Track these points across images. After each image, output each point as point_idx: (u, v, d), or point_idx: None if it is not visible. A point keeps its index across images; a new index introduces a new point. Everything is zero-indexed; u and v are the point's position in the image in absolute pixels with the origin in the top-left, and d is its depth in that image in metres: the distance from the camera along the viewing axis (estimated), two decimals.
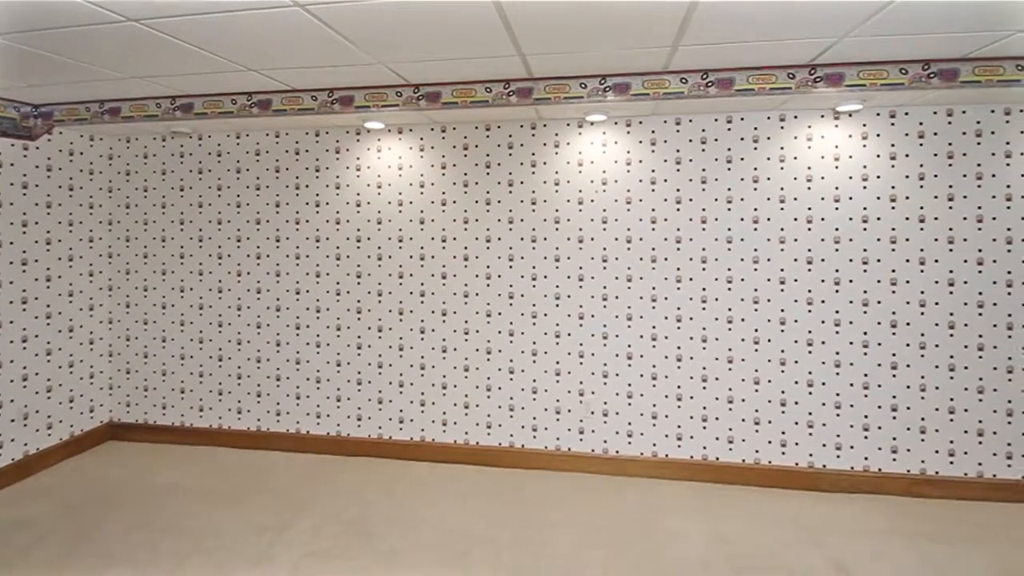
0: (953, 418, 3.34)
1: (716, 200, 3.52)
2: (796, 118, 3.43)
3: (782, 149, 3.45)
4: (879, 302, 3.38)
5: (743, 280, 3.51)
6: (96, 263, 4.16)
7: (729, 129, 3.50)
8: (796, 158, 3.43)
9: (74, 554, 2.79)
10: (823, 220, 3.42)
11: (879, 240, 3.37)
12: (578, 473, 3.69)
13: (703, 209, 3.54)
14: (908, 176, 3.34)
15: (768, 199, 3.47)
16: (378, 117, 3.50)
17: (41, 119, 3.42)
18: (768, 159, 3.46)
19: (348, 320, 3.98)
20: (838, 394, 3.44)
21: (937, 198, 3.31)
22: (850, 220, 3.39)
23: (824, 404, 3.46)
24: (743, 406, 3.54)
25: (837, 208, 3.40)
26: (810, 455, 3.49)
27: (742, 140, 3.49)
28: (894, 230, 3.36)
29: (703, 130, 3.53)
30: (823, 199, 3.42)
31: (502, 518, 3.14)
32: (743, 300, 3.52)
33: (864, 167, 3.37)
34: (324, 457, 3.96)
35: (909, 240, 3.34)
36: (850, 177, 3.39)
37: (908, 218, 3.34)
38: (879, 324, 3.39)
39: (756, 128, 3.47)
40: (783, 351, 3.49)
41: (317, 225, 3.99)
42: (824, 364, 3.45)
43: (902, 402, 3.38)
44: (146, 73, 2.78)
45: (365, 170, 3.92)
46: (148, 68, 2.70)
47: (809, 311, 3.45)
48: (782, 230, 3.46)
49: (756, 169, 3.48)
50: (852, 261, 3.40)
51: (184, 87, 3.05)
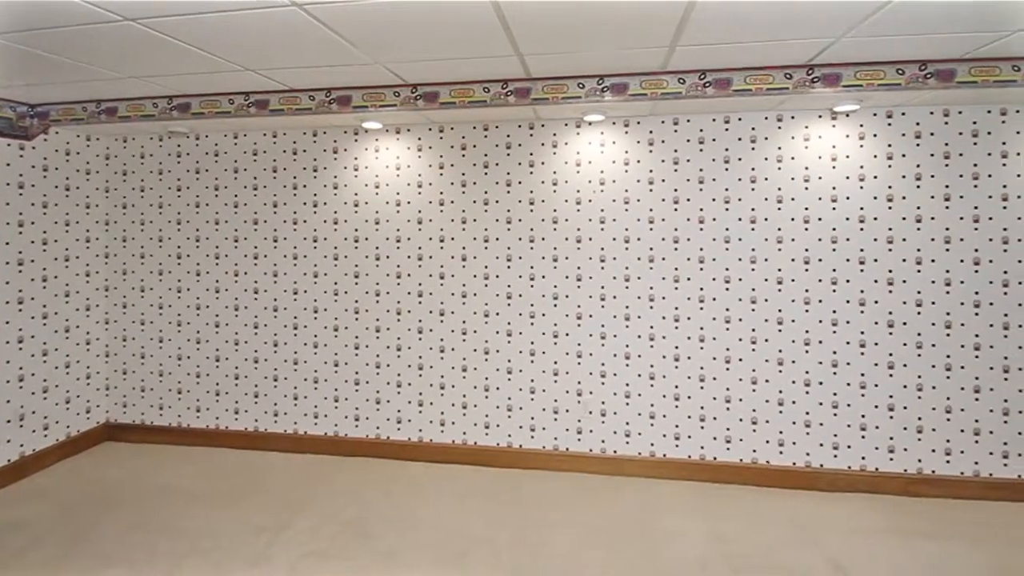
0: (950, 417, 3.35)
1: (714, 200, 3.53)
2: (793, 118, 3.44)
3: (779, 149, 3.46)
4: (876, 302, 3.39)
5: (741, 280, 3.52)
6: (93, 263, 4.15)
7: (727, 129, 3.51)
8: (793, 158, 3.44)
9: (70, 555, 2.78)
10: (820, 220, 3.43)
11: (876, 240, 3.38)
12: (576, 473, 3.69)
13: (701, 209, 3.54)
14: (905, 176, 3.35)
15: (765, 199, 3.48)
16: (376, 117, 3.50)
17: (37, 119, 3.41)
18: (766, 159, 3.47)
19: (346, 320, 3.98)
20: (835, 394, 3.45)
21: (934, 198, 3.33)
22: (847, 220, 3.40)
23: (821, 404, 3.47)
24: (741, 406, 3.55)
25: (834, 208, 3.41)
26: (807, 454, 3.50)
27: (740, 140, 3.49)
28: (891, 230, 3.37)
29: (701, 130, 3.54)
30: (820, 199, 3.43)
31: (500, 518, 3.14)
32: (741, 300, 3.52)
33: (861, 167, 3.38)
34: (322, 457, 3.96)
35: (906, 240, 3.35)
36: (847, 177, 3.40)
37: (905, 218, 3.35)
38: (876, 324, 3.40)
39: (754, 128, 3.48)
40: (780, 351, 3.49)
41: (315, 225, 3.99)
42: (821, 364, 3.46)
43: (899, 401, 3.39)
44: (143, 73, 2.78)
45: (363, 170, 3.92)
46: (145, 68, 2.69)
47: (806, 311, 3.46)
48: (779, 230, 3.47)
49: (754, 169, 3.48)
50: (849, 261, 3.41)
51: (181, 87, 3.04)
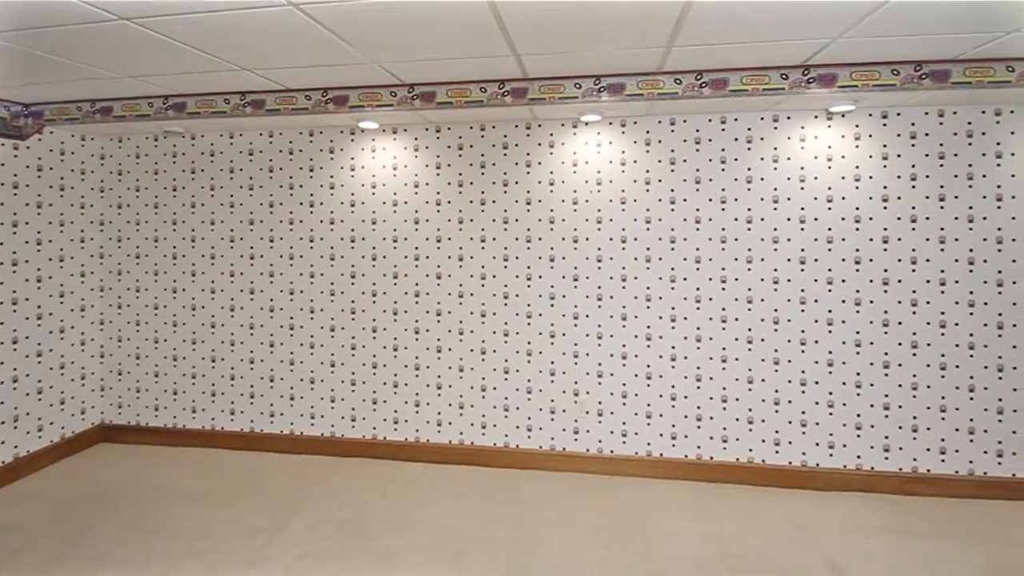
0: (945, 416, 3.37)
1: (710, 200, 3.54)
2: (789, 119, 3.45)
3: (775, 149, 3.47)
4: (871, 301, 3.41)
5: (737, 280, 3.53)
6: (88, 264, 4.13)
7: (723, 129, 3.52)
8: (789, 158, 3.45)
9: (65, 557, 2.76)
10: (816, 220, 3.44)
11: (871, 240, 3.39)
12: (573, 473, 3.69)
13: (697, 209, 3.55)
14: (900, 176, 3.36)
15: (762, 199, 3.48)
16: (372, 117, 3.49)
17: (32, 118, 3.39)
18: (762, 159, 3.48)
19: (342, 321, 3.97)
20: (831, 393, 3.46)
21: (928, 198, 3.34)
22: (843, 220, 3.42)
23: (817, 403, 3.48)
24: (737, 405, 3.56)
25: (830, 208, 3.43)
26: (803, 454, 3.51)
27: (736, 140, 3.50)
28: (886, 230, 3.38)
29: (697, 130, 3.54)
30: (816, 199, 3.44)
31: (497, 518, 3.14)
32: (737, 300, 3.53)
33: (856, 167, 3.40)
34: (318, 458, 3.95)
35: (901, 240, 3.37)
36: (843, 177, 3.41)
37: (900, 218, 3.37)
38: (871, 323, 3.41)
39: (750, 128, 3.49)
40: (776, 350, 3.50)
41: (311, 225, 3.98)
42: (817, 363, 3.47)
43: (894, 401, 3.41)
44: (139, 72, 2.76)
45: (359, 170, 3.91)
46: (141, 67, 2.68)
47: (802, 310, 3.47)
48: (775, 230, 3.48)
49: (750, 169, 3.49)
50: (845, 261, 3.42)
51: (177, 86, 3.03)
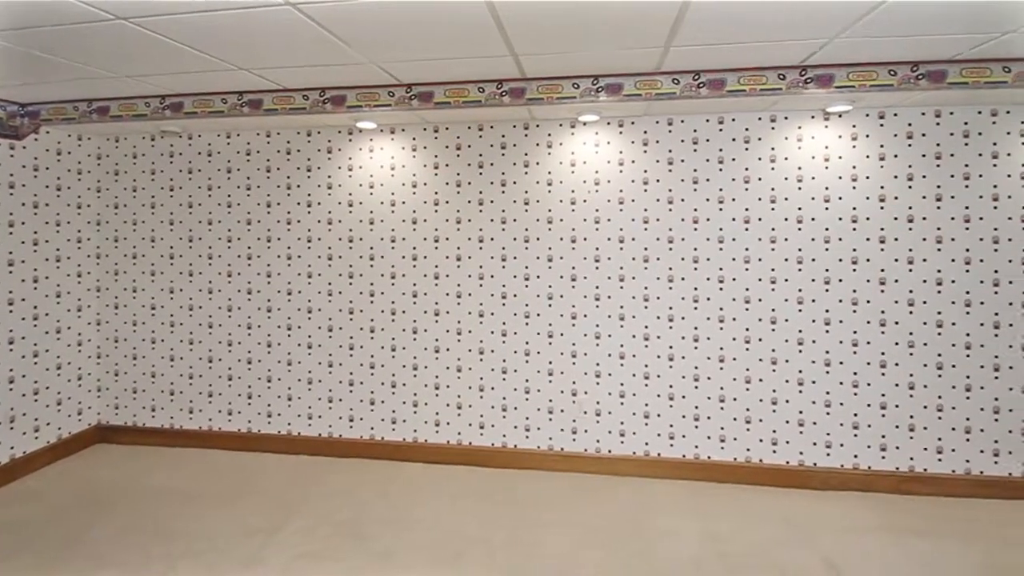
0: (941, 416, 3.38)
1: (708, 200, 3.54)
2: (787, 119, 3.46)
3: (773, 150, 3.47)
4: (868, 301, 3.41)
5: (734, 280, 3.53)
6: (84, 264, 4.12)
7: (720, 130, 3.52)
8: (787, 159, 3.46)
9: (62, 558, 2.75)
10: (813, 220, 3.45)
11: (868, 240, 3.40)
12: (571, 473, 3.69)
13: (695, 209, 3.56)
14: (897, 176, 3.37)
15: (759, 199, 3.49)
16: (370, 117, 3.49)
17: (28, 118, 3.38)
18: (759, 159, 3.49)
19: (340, 321, 3.96)
20: (828, 392, 3.47)
21: (925, 198, 3.35)
22: (840, 220, 3.42)
23: (814, 402, 3.49)
24: (734, 405, 3.56)
25: (827, 208, 3.43)
26: (800, 453, 3.51)
27: (733, 141, 3.51)
28: (883, 230, 3.39)
29: (695, 131, 3.55)
30: (813, 199, 3.44)
31: (495, 518, 3.14)
32: (734, 300, 3.54)
33: (853, 167, 3.41)
34: (316, 458, 3.94)
35: (898, 240, 3.38)
36: (840, 177, 3.42)
37: (897, 218, 3.38)
38: (868, 323, 3.42)
39: (747, 129, 3.49)
40: (774, 350, 3.51)
41: (309, 225, 3.97)
42: (814, 363, 3.48)
43: (891, 400, 3.42)
44: (136, 72, 2.76)
45: (357, 170, 3.91)
46: (138, 67, 2.67)
47: (799, 310, 3.48)
48: (773, 230, 3.49)
49: (747, 169, 3.50)
50: (842, 261, 3.43)
51: (174, 86, 3.02)
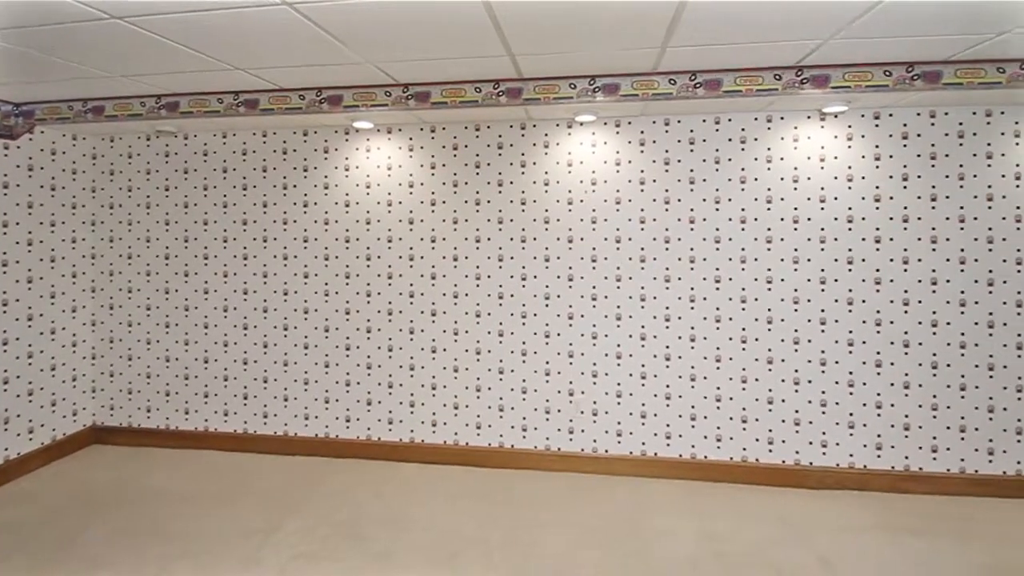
0: (936, 415, 3.39)
1: (704, 200, 3.55)
2: (783, 119, 3.47)
3: (769, 150, 3.48)
4: (864, 301, 3.43)
5: (730, 279, 3.54)
6: (79, 264, 4.10)
7: (717, 130, 3.53)
8: (783, 159, 3.47)
9: (57, 559, 2.74)
10: (809, 220, 3.46)
11: (864, 240, 3.42)
12: (568, 473, 3.70)
13: (691, 209, 3.56)
14: (892, 176, 3.39)
15: (755, 199, 3.50)
16: (367, 117, 3.49)
17: (22, 118, 3.36)
18: (755, 160, 3.50)
19: (337, 321, 3.96)
20: (824, 392, 3.48)
21: (920, 198, 3.37)
22: (835, 220, 3.44)
23: (810, 402, 3.50)
24: (731, 404, 3.57)
25: (823, 208, 3.45)
26: (796, 452, 3.53)
27: (730, 141, 3.52)
28: (878, 230, 3.41)
29: (691, 131, 3.55)
30: (809, 199, 3.46)
31: (492, 518, 3.14)
32: (731, 299, 3.55)
33: (849, 168, 3.42)
34: (312, 459, 3.93)
35: (893, 240, 3.39)
36: (835, 177, 3.43)
37: (892, 218, 3.39)
38: (864, 322, 3.43)
39: (743, 129, 3.50)
40: (770, 350, 3.52)
41: (305, 225, 3.96)
42: (810, 362, 3.49)
43: (886, 399, 3.43)
44: (131, 72, 2.74)
45: (354, 170, 3.90)
46: (133, 66, 2.66)
47: (795, 310, 3.49)
48: (769, 230, 3.50)
49: (743, 170, 3.51)
50: (837, 260, 3.44)
51: (169, 86, 3.01)
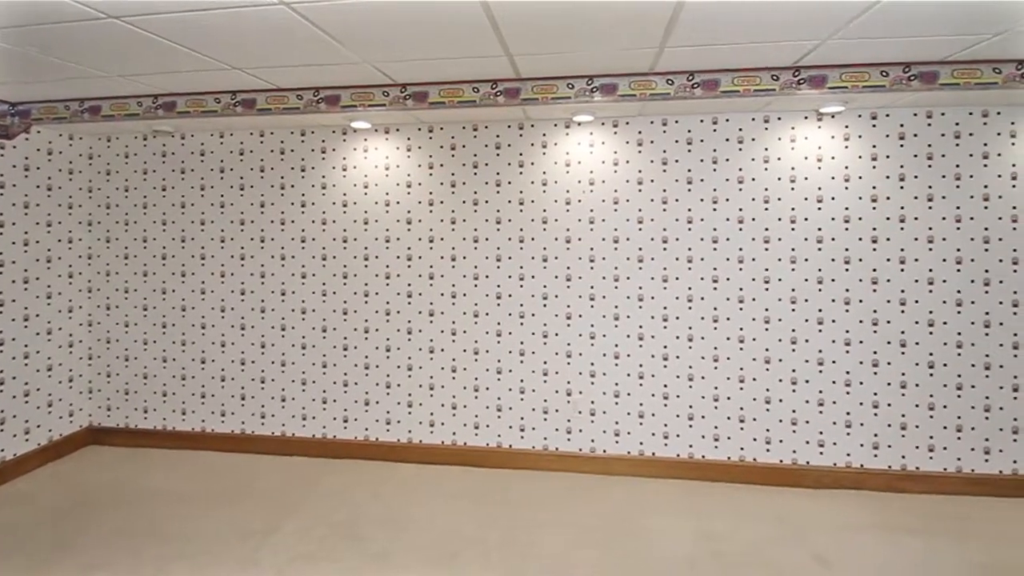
0: (933, 414, 3.41)
1: (702, 200, 3.55)
2: (780, 120, 3.48)
3: (766, 150, 3.49)
4: (861, 301, 3.44)
5: (728, 279, 3.55)
6: (75, 264, 4.08)
7: (714, 130, 3.54)
8: (780, 159, 3.48)
9: (53, 560, 2.73)
10: (806, 220, 3.47)
11: (861, 240, 3.42)
12: (566, 472, 3.70)
13: (689, 209, 3.57)
14: (889, 177, 3.40)
15: (753, 199, 3.51)
16: (364, 117, 3.48)
17: (19, 117, 3.35)
18: (753, 160, 3.50)
19: (334, 321, 3.95)
20: (821, 391, 3.49)
21: (917, 198, 3.38)
22: (832, 220, 3.45)
23: (807, 401, 3.51)
24: (728, 404, 3.58)
25: (820, 208, 3.45)
26: (794, 452, 3.53)
27: (727, 141, 3.52)
28: (875, 230, 3.42)
29: (689, 131, 3.56)
30: (806, 199, 3.46)
31: (490, 518, 3.14)
32: (728, 299, 3.55)
33: (846, 168, 3.43)
34: (310, 460, 3.93)
35: (890, 240, 3.40)
36: (832, 178, 3.44)
37: (889, 218, 3.40)
38: (861, 322, 3.44)
39: (741, 129, 3.51)
40: (767, 349, 3.53)
41: (303, 225, 3.96)
42: (807, 362, 3.49)
43: (883, 399, 3.44)
44: (128, 71, 2.74)
45: (351, 170, 3.89)
46: (130, 66, 2.65)
47: (793, 310, 3.50)
48: (766, 230, 3.50)
49: (741, 170, 3.51)
50: (834, 260, 3.45)
51: (166, 85, 3.00)
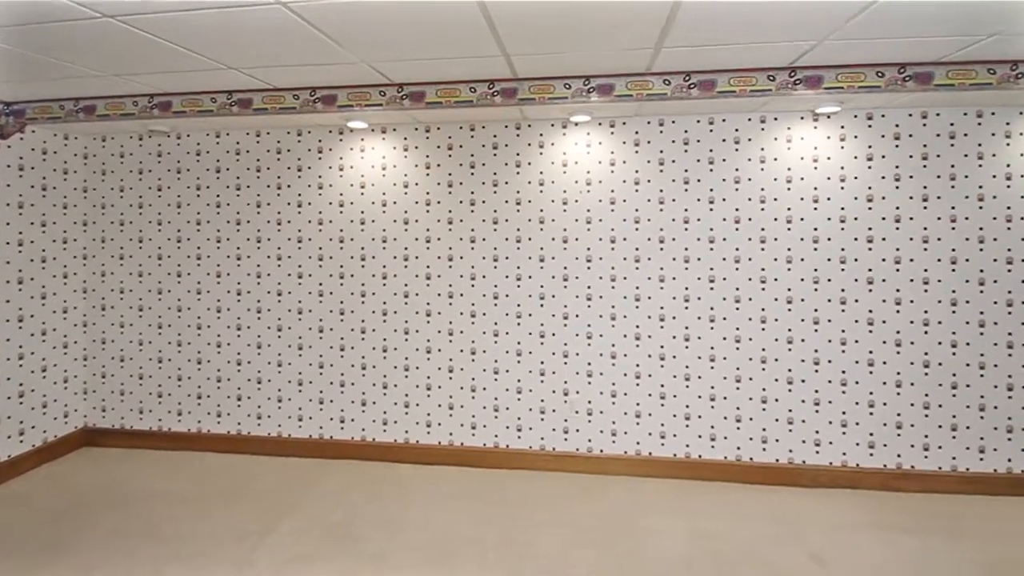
0: (928, 413, 3.42)
1: (698, 200, 3.56)
2: (776, 120, 3.49)
3: (762, 150, 3.50)
4: (856, 300, 3.45)
5: (725, 279, 3.56)
6: (71, 264, 4.06)
7: (711, 130, 3.54)
8: (776, 159, 3.49)
9: (49, 562, 2.72)
10: (802, 220, 3.48)
11: (856, 240, 3.44)
12: (562, 472, 3.70)
13: (686, 209, 3.57)
14: (884, 177, 3.41)
15: (749, 199, 3.52)
16: (361, 116, 3.48)
17: (13, 117, 3.33)
18: (749, 160, 3.51)
19: (331, 322, 3.94)
20: (817, 391, 3.50)
21: (912, 199, 3.39)
22: (828, 220, 3.46)
23: (803, 401, 3.52)
24: (725, 404, 3.58)
25: (816, 208, 3.46)
26: (790, 451, 3.54)
27: (724, 141, 3.53)
28: (871, 230, 3.43)
29: (685, 131, 3.57)
30: (802, 199, 3.47)
31: (487, 519, 3.14)
32: (725, 299, 3.56)
33: (842, 168, 3.44)
34: (306, 460, 3.92)
35: (885, 240, 3.42)
36: (828, 178, 3.45)
37: (884, 218, 3.42)
38: (856, 322, 3.45)
39: (737, 130, 3.52)
40: (763, 349, 3.54)
41: (299, 226, 3.95)
42: (803, 361, 3.50)
43: (879, 398, 3.45)
44: (123, 71, 2.72)
45: (348, 170, 3.89)
46: (125, 65, 2.64)
47: (789, 310, 3.51)
48: (763, 230, 3.51)
49: (737, 170, 3.52)
50: (830, 260, 3.46)
51: (162, 85, 2.99)
